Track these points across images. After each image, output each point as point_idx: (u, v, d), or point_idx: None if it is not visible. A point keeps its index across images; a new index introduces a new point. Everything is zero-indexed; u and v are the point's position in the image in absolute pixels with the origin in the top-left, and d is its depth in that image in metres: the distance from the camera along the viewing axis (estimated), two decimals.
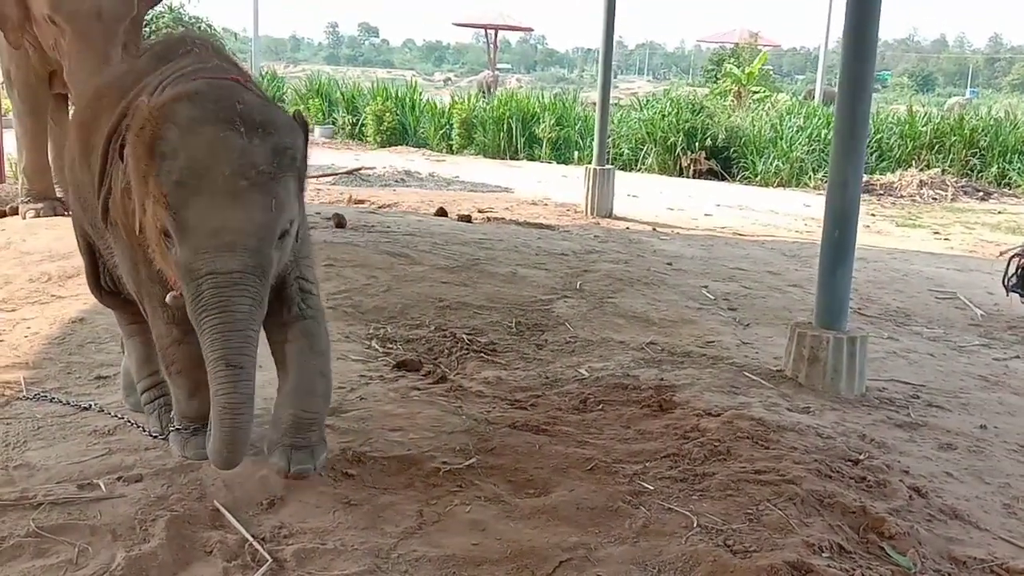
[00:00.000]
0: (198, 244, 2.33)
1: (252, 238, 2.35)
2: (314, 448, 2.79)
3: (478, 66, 51.42)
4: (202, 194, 2.30)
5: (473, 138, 16.77)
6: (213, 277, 2.34)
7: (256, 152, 2.34)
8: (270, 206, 2.36)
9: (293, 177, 2.46)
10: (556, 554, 2.52)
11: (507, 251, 6.87)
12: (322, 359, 2.87)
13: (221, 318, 2.34)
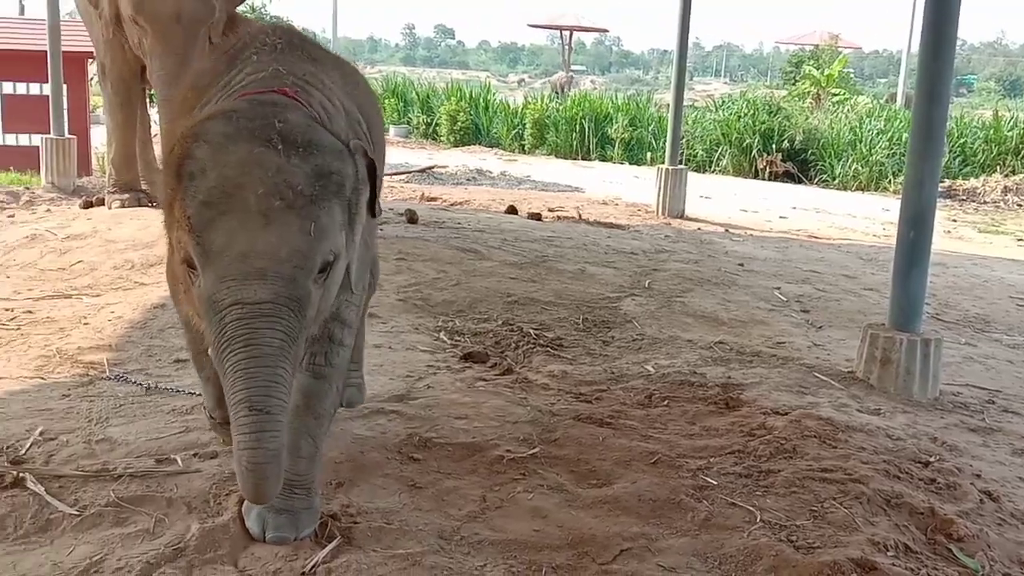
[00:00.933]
0: (223, 271, 1.98)
1: (286, 264, 2.00)
2: (298, 514, 2.42)
3: (552, 68, 51.42)
4: (230, 215, 1.98)
5: (545, 138, 16.82)
6: (239, 308, 1.97)
7: (295, 172, 2.03)
8: (309, 230, 2.01)
9: (340, 206, 2.13)
10: (617, 543, 2.53)
11: (576, 249, 6.89)
12: (316, 422, 2.50)
13: (246, 353, 1.97)
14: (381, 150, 2.92)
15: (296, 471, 2.42)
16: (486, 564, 2.39)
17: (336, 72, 2.67)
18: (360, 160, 2.23)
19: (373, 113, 2.88)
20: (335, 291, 2.23)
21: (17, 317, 4.41)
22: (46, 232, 6.22)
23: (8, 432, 2.94)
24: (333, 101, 2.41)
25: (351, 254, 2.27)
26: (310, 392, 2.48)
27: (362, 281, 2.66)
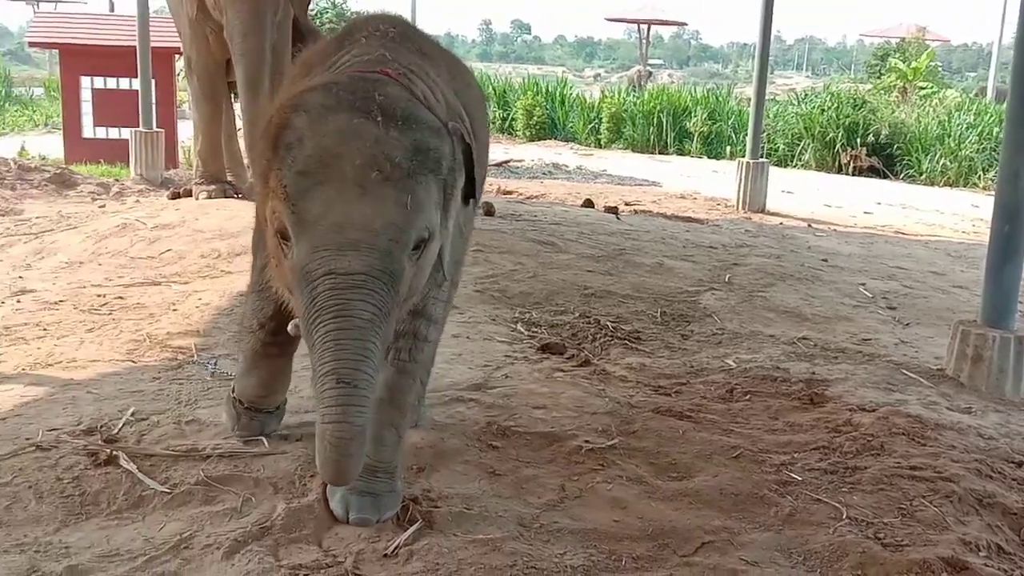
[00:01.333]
0: (316, 240, 1.97)
1: (381, 237, 1.98)
2: (380, 497, 2.46)
3: (629, 62, 51.06)
4: (326, 184, 1.98)
5: (622, 132, 16.70)
6: (331, 278, 1.96)
7: (393, 144, 2.01)
8: (405, 203, 2.00)
9: (436, 184, 2.11)
10: (698, 535, 2.51)
11: (654, 242, 6.83)
12: (398, 413, 2.52)
13: (337, 324, 1.95)
14: (484, 150, 2.89)
15: (379, 458, 2.47)
16: (566, 552, 2.39)
17: (444, 68, 2.65)
18: (457, 142, 2.21)
19: (479, 115, 2.84)
20: (427, 273, 2.21)
21: (109, 303, 4.56)
22: (136, 221, 6.41)
23: (102, 412, 3.04)
24: (435, 94, 2.38)
25: (444, 238, 2.24)
26: (394, 386, 2.50)
27: (454, 274, 2.65)
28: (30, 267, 5.46)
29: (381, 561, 2.27)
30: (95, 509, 2.42)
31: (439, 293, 2.51)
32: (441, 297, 2.55)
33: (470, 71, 3.04)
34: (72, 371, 3.53)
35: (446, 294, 2.59)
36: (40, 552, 2.21)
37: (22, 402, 3.17)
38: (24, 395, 3.25)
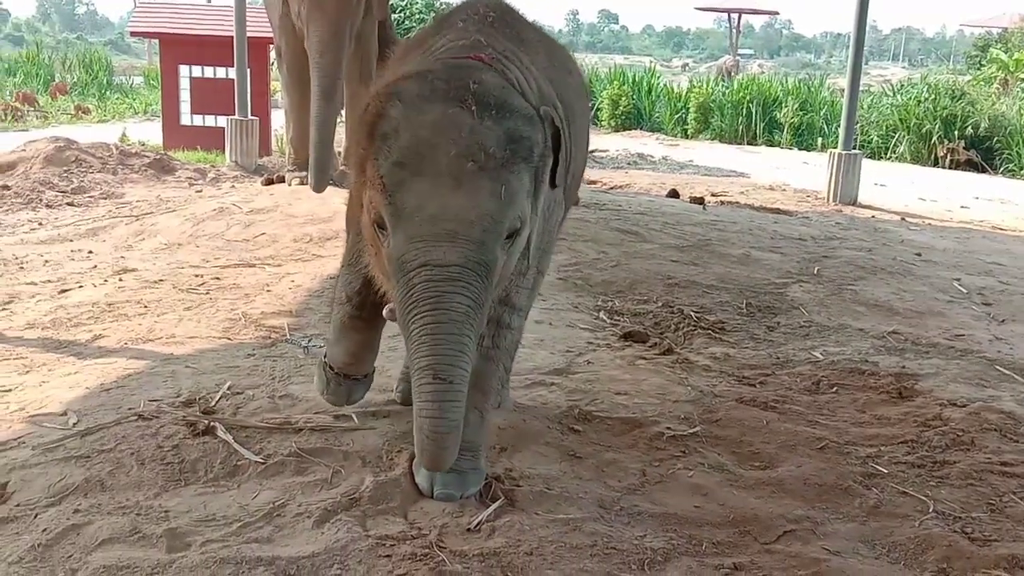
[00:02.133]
0: (413, 232, 2.02)
1: (476, 228, 2.03)
2: (465, 474, 2.49)
3: (718, 52, 50.27)
4: (423, 176, 2.03)
5: (709, 123, 16.48)
6: (427, 270, 2.02)
7: (487, 134, 2.05)
8: (499, 194, 2.04)
9: (528, 172, 2.14)
10: (780, 524, 2.50)
11: (740, 233, 6.75)
12: (481, 396, 2.53)
13: (433, 317, 2.02)
14: (583, 138, 2.89)
15: (464, 438, 2.46)
16: (646, 535, 2.41)
17: (542, 54, 2.67)
18: (548, 127, 2.23)
19: (578, 102, 2.85)
20: (514, 263, 2.24)
21: (206, 283, 4.73)
22: (232, 206, 6.62)
23: (200, 385, 3.17)
24: (529, 80, 2.40)
25: (533, 224, 2.26)
26: (478, 371, 2.46)
27: (540, 262, 2.64)
28: (131, 248, 5.69)
29: (464, 535, 2.32)
30: (193, 476, 2.53)
31: (523, 281, 2.53)
32: (525, 285, 2.56)
33: (571, 57, 3.03)
34: (171, 346, 3.68)
35: (531, 282, 2.61)
36: (141, 515, 2.33)
37: (125, 374, 3.33)
38: (127, 368, 3.41)
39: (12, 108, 14.49)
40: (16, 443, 2.73)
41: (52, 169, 8.07)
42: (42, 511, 2.35)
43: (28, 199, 7.21)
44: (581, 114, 2.86)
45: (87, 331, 3.90)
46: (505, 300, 2.51)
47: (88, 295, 4.46)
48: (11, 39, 48.85)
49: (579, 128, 2.80)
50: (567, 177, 2.60)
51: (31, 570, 2.10)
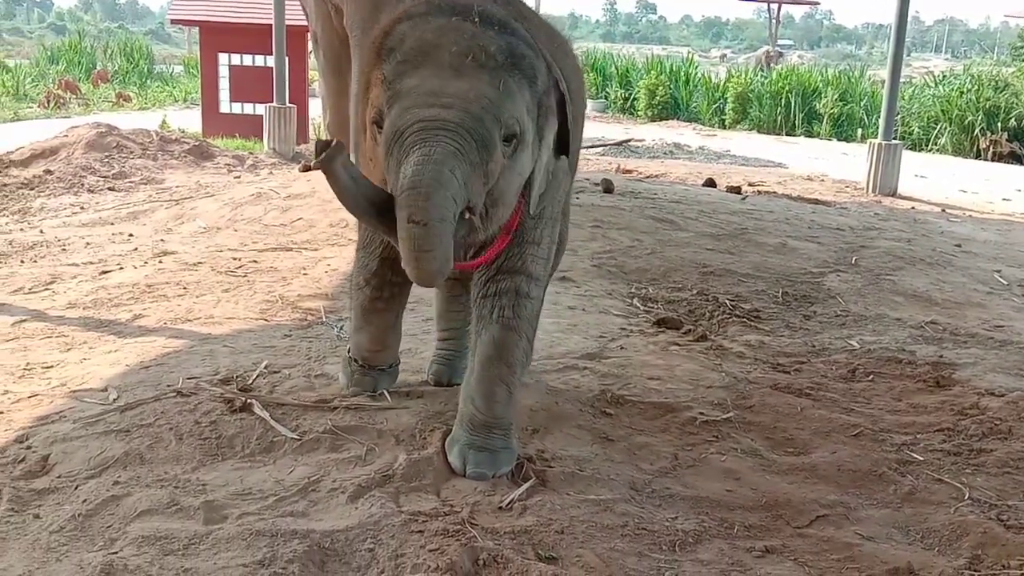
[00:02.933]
0: (410, 103, 2.08)
1: (473, 104, 2.08)
2: (497, 453, 2.52)
3: (757, 42, 49.77)
4: (424, 67, 2.11)
5: (747, 113, 16.35)
6: (420, 123, 2.05)
7: (489, 40, 2.14)
8: (498, 86, 2.11)
9: (530, 92, 2.22)
10: (813, 509, 2.49)
11: (777, 222, 6.69)
12: (508, 370, 2.56)
13: (421, 151, 2.03)
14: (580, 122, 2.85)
15: (493, 415, 2.55)
16: (677, 517, 2.41)
17: (542, 33, 2.67)
18: (552, 82, 2.30)
19: (575, 84, 2.81)
20: (515, 187, 2.26)
21: (244, 266, 4.79)
22: (270, 191, 6.69)
23: (238, 364, 3.21)
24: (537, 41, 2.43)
25: (534, 161, 2.30)
26: (501, 342, 2.54)
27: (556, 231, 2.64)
28: (171, 231, 5.77)
29: (496, 513, 2.34)
30: (230, 451, 2.57)
31: (538, 251, 2.56)
32: (540, 255, 2.57)
33: (568, 42, 3.02)
34: (210, 326, 3.73)
35: (545, 252, 2.60)
36: (179, 488, 2.37)
37: (164, 352, 3.38)
38: (166, 346, 3.46)
39: (55, 95, 14.74)
40: (58, 417, 2.79)
41: (94, 155, 8.19)
42: (82, 482, 2.40)
43: (70, 184, 7.33)
44: (578, 96, 2.84)
45: (127, 311, 3.97)
46: (521, 269, 2.53)
47: (128, 276, 4.53)
48: (54, 28, 49.65)
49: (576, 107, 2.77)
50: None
51: (72, 538, 2.15)
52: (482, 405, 2.54)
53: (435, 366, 3.15)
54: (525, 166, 2.27)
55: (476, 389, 2.56)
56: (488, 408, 2.54)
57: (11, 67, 18.20)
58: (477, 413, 2.55)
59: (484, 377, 2.55)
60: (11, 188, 7.05)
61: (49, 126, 10.73)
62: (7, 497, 2.33)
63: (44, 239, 5.42)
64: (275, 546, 2.10)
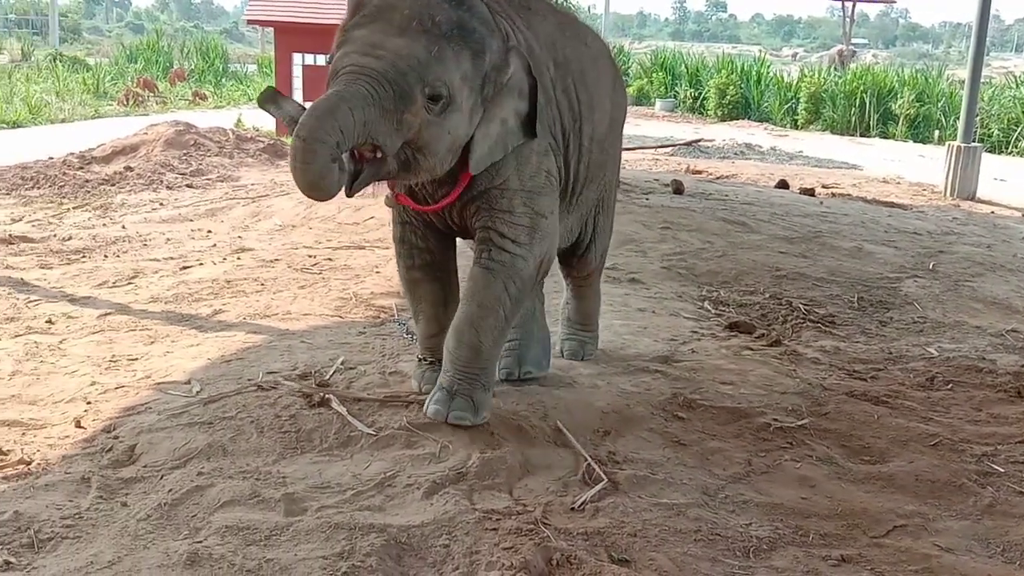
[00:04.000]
0: (351, 48, 2.38)
1: (402, 61, 2.33)
2: (454, 396, 2.69)
3: (830, 41, 48.81)
4: (374, 23, 2.38)
5: (820, 113, 16.08)
6: (351, 67, 2.34)
7: (441, 11, 2.39)
8: (431, 51, 2.35)
9: (472, 64, 2.44)
10: (890, 518, 2.46)
11: (852, 226, 6.58)
12: (479, 311, 2.70)
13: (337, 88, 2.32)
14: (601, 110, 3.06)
15: (458, 355, 2.71)
16: (751, 523, 2.39)
17: (551, 24, 2.92)
18: (514, 62, 2.55)
19: (590, 73, 3.01)
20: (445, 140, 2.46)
21: (319, 263, 4.88)
22: None
23: (315, 360, 3.28)
24: (516, 33, 2.66)
25: (472, 126, 2.52)
26: (474, 280, 2.72)
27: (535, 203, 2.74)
28: (248, 228, 5.91)
29: (568, 514, 2.36)
30: (309, 445, 2.63)
31: (512, 218, 2.70)
32: (516, 222, 2.71)
33: (586, 33, 3.16)
34: (287, 322, 3.82)
35: (524, 220, 2.72)
36: (260, 480, 2.43)
37: (244, 347, 3.47)
38: (245, 341, 3.55)
39: (134, 94, 15.15)
40: (143, 408, 2.89)
41: (172, 152, 8.42)
42: (168, 472, 2.48)
43: (150, 180, 7.54)
44: (595, 83, 3.02)
45: (207, 306, 4.08)
46: (492, 226, 2.71)
47: (208, 272, 4.65)
48: (132, 27, 51.04)
49: (593, 94, 3.00)
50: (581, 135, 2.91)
51: (158, 526, 2.22)
52: (451, 342, 2.73)
53: (503, 359, 3.14)
54: (457, 127, 2.48)
55: (452, 329, 2.74)
56: (455, 347, 2.71)
57: (91, 65, 18.76)
58: (447, 352, 2.74)
59: (457, 316, 2.75)
60: (93, 184, 7.28)
61: (128, 123, 11.04)
62: (96, 485, 2.41)
63: (126, 234, 5.58)
64: (353, 539, 2.14)
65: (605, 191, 3.30)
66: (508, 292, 2.71)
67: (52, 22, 24.31)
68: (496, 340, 2.76)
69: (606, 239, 3.44)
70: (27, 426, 2.81)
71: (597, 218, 3.31)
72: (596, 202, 3.26)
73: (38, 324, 3.78)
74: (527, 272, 2.75)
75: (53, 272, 4.65)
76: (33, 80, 15.34)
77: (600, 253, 3.42)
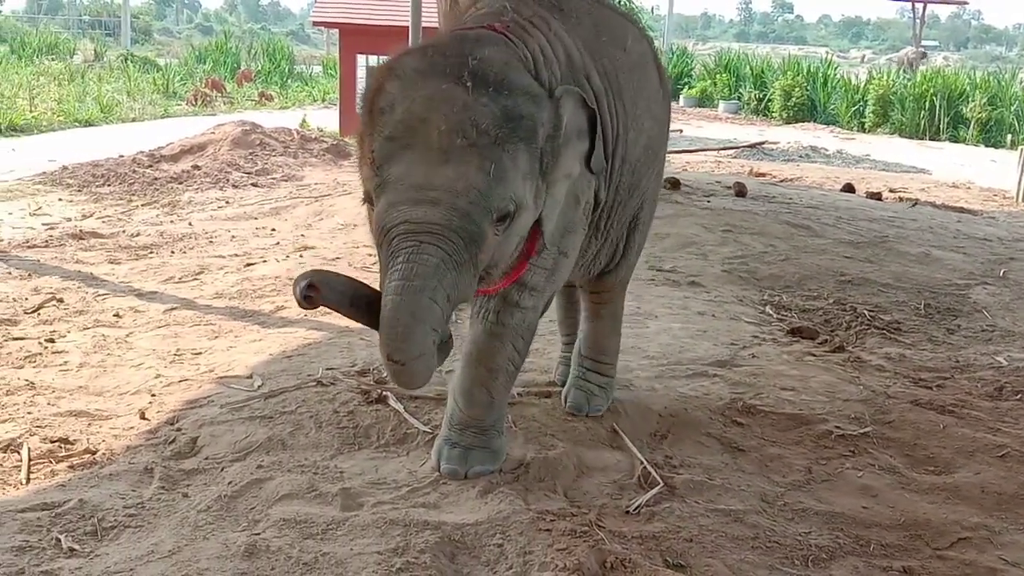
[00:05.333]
0: (395, 198, 1.98)
1: (461, 198, 1.96)
2: (471, 451, 2.47)
3: (900, 43, 47.80)
4: (411, 149, 1.99)
5: (888, 116, 15.76)
6: (406, 225, 1.96)
7: (481, 111, 1.99)
8: (488, 171, 1.98)
9: (528, 153, 2.07)
10: (954, 530, 2.39)
11: (920, 231, 6.43)
12: (489, 374, 2.45)
13: (404, 267, 1.95)
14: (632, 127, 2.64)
15: (471, 415, 2.48)
16: (811, 532, 2.35)
17: (588, 26, 2.56)
18: (567, 107, 2.18)
19: (628, 81, 2.62)
20: (515, 244, 2.18)
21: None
22: None
23: (373, 357, 3.30)
24: (555, 49, 2.35)
25: (540, 208, 2.18)
26: (482, 346, 2.45)
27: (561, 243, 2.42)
28: (311, 227, 5.98)
29: (623, 517, 2.34)
30: (366, 441, 2.66)
31: (539, 260, 2.37)
32: (542, 264, 2.39)
33: (633, 34, 2.77)
34: (347, 319, 3.84)
35: (549, 262, 2.41)
36: (318, 474, 2.47)
37: (304, 343, 3.52)
38: (306, 338, 3.60)
39: (202, 94, 15.45)
40: (206, 401, 2.95)
41: (238, 151, 8.57)
42: (228, 465, 2.52)
43: (216, 179, 7.69)
44: (633, 99, 2.63)
45: (270, 302, 4.14)
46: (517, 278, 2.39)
47: (271, 269, 4.72)
48: (201, 28, 52.11)
49: (630, 112, 2.61)
50: (613, 159, 2.52)
51: (218, 518, 2.26)
52: (461, 402, 2.49)
53: (561, 367, 3.17)
54: (526, 224, 2.17)
55: (457, 386, 2.50)
56: (467, 406, 2.47)
57: (161, 66, 19.19)
58: (457, 410, 2.50)
59: (464, 376, 2.48)
60: (162, 182, 7.45)
61: (196, 123, 11.27)
62: (159, 476, 2.47)
63: (192, 231, 5.70)
64: (408, 536, 2.16)
65: (640, 209, 2.87)
66: (516, 349, 2.48)
67: (124, 24, 24.91)
68: (507, 390, 2.57)
69: (634, 258, 3.01)
70: (93, 417, 2.89)
71: (630, 237, 2.89)
72: (630, 221, 2.85)
73: (106, 318, 3.88)
74: (535, 322, 2.52)
75: (122, 267, 4.77)
76: (105, 80, 15.74)
77: (624, 272, 2.99)
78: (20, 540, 2.14)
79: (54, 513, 2.25)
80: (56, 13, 43.79)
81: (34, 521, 2.22)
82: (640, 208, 2.86)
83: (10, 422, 2.82)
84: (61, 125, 11.45)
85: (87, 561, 2.08)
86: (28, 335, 3.64)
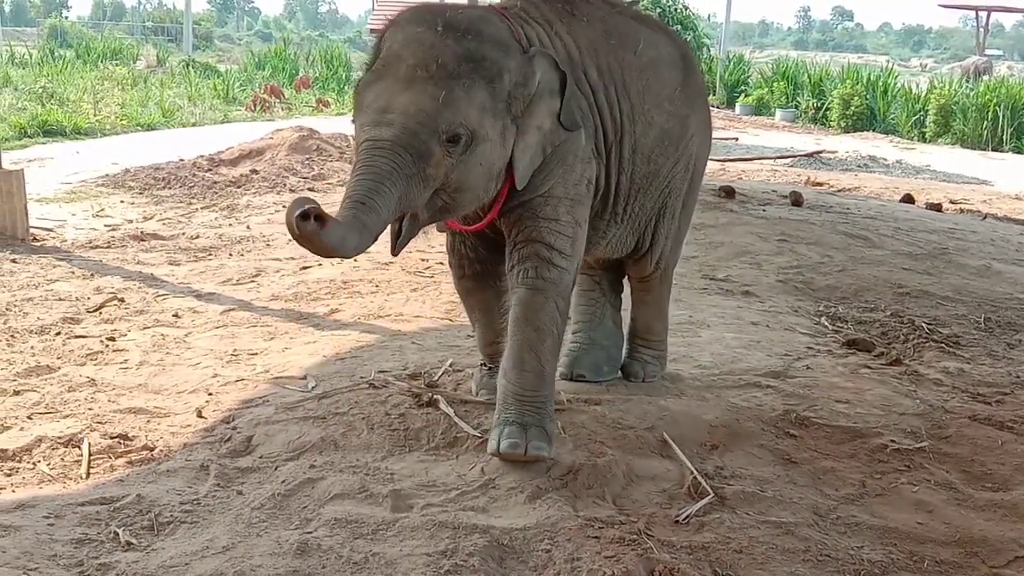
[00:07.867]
0: (364, 120, 2.39)
1: (411, 119, 2.33)
2: (527, 428, 2.53)
3: (962, 52, 46.84)
4: (383, 80, 2.39)
5: (950, 126, 15.44)
6: (368, 143, 2.35)
7: (444, 50, 2.37)
8: (438, 97, 2.34)
9: (488, 91, 2.41)
10: (1011, 548, 2.35)
11: (981, 243, 6.30)
12: (536, 335, 2.60)
13: (360, 171, 2.32)
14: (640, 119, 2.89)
15: (523, 384, 2.59)
16: (863, 546, 2.32)
17: (597, 29, 2.84)
18: (540, 65, 2.51)
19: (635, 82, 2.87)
20: (478, 172, 2.45)
21: (431, 267, 4.96)
22: None
23: (424, 361, 3.34)
24: (553, 43, 2.68)
25: (508, 147, 2.51)
26: (526, 303, 2.62)
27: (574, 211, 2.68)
28: None
29: (672, 527, 2.33)
30: (416, 444, 2.68)
31: (556, 226, 2.64)
32: (560, 230, 2.65)
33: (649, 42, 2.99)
34: (399, 323, 3.90)
35: (567, 229, 2.66)
36: (369, 475, 2.50)
37: (357, 346, 3.56)
38: (359, 340, 3.64)
39: (261, 99, 15.71)
40: (261, 401, 3.00)
41: (296, 156, 8.69)
42: (282, 464, 2.57)
43: (274, 183, 7.81)
44: (640, 94, 2.88)
45: (324, 305, 4.20)
46: (537, 238, 2.63)
47: (326, 273, 4.79)
48: (260, 35, 52.96)
49: (635, 105, 2.87)
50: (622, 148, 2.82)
51: (271, 515, 2.30)
52: (512, 373, 2.60)
53: (564, 358, 3.10)
54: (489, 157, 2.46)
55: (507, 357, 2.63)
56: (518, 376, 2.58)
57: (222, 72, 19.54)
58: (508, 384, 2.60)
59: (513, 342, 2.62)
60: (221, 186, 7.59)
61: (255, 128, 11.46)
62: (214, 473, 2.52)
63: (250, 234, 5.80)
64: (457, 539, 2.17)
65: (667, 198, 3.09)
66: (559, 310, 2.65)
67: (186, 30, 25.40)
68: (555, 362, 2.72)
69: (667, 246, 3.19)
70: (152, 414, 2.96)
71: (658, 225, 3.11)
72: (657, 210, 3.08)
73: (165, 318, 3.97)
74: (569, 284, 2.73)
75: (181, 269, 4.88)
76: (167, 85, 16.08)
77: (658, 259, 3.18)
78: (79, 533, 2.20)
79: (112, 507, 2.32)
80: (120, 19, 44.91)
81: (93, 515, 2.28)
82: (666, 197, 3.09)
83: (72, 418, 2.90)
84: (124, 129, 11.72)
85: (144, 555, 2.13)
86: (90, 333, 3.74)
